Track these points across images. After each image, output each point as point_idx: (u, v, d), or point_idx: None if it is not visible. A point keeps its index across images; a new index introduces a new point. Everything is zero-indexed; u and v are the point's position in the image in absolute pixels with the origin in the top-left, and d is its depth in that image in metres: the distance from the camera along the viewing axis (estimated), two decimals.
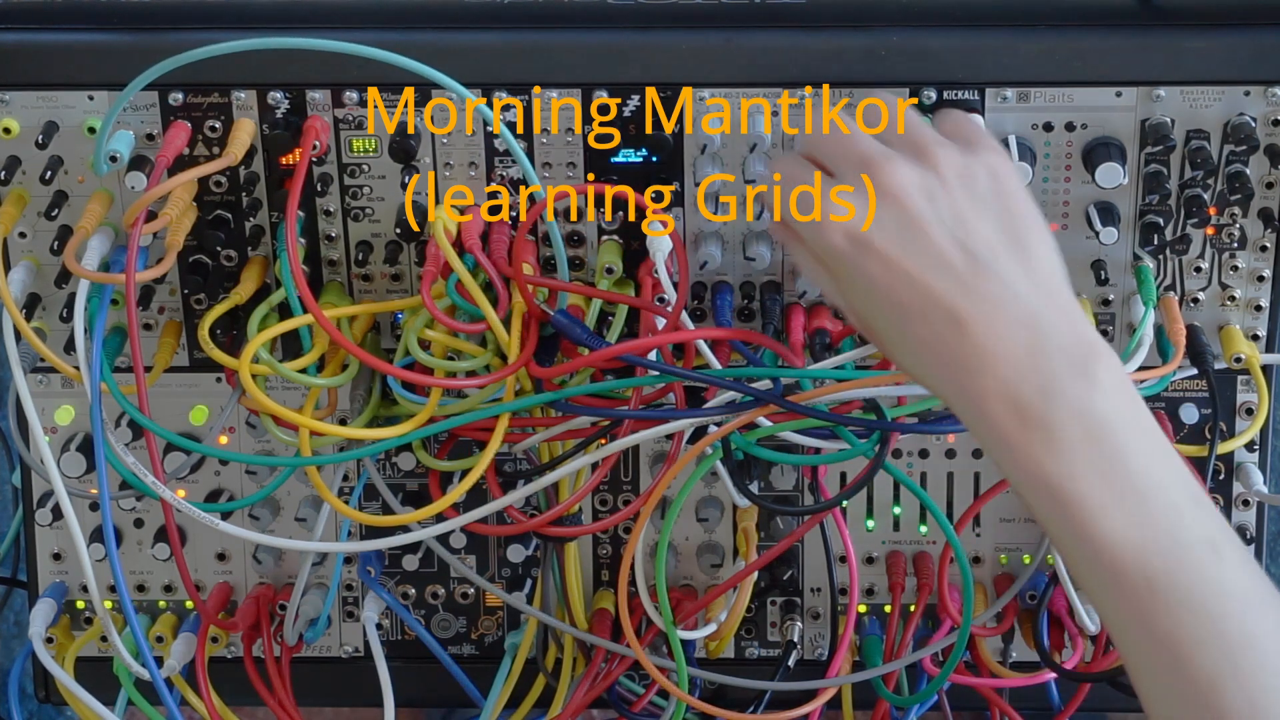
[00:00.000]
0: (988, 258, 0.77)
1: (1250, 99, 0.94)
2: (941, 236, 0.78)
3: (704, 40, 0.95)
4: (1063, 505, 0.74)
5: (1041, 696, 1.05)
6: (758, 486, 1.02)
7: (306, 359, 0.96)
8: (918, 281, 0.78)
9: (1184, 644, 0.72)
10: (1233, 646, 0.72)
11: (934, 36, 0.95)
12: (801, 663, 1.06)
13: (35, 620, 1.05)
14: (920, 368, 0.79)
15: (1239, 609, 0.73)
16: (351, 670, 1.09)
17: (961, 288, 0.77)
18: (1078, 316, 0.78)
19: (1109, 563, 0.73)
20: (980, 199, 0.79)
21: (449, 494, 0.95)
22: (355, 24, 0.96)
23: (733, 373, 0.93)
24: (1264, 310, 0.99)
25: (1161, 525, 0.74)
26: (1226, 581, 0.73)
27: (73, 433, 1.04)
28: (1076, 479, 0.74)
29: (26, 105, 0.96)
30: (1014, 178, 0.81)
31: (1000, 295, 0.77)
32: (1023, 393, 0.75)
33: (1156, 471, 0.75)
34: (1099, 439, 0.74)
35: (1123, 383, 0.76)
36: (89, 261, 0.94)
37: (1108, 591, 0.74)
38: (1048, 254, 0.79)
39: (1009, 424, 0.75)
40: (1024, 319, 0.76)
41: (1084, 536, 0.74)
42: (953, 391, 0.78)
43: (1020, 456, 0.75)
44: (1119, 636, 0.75)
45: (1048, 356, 0.75)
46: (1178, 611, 0.72)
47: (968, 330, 0.76)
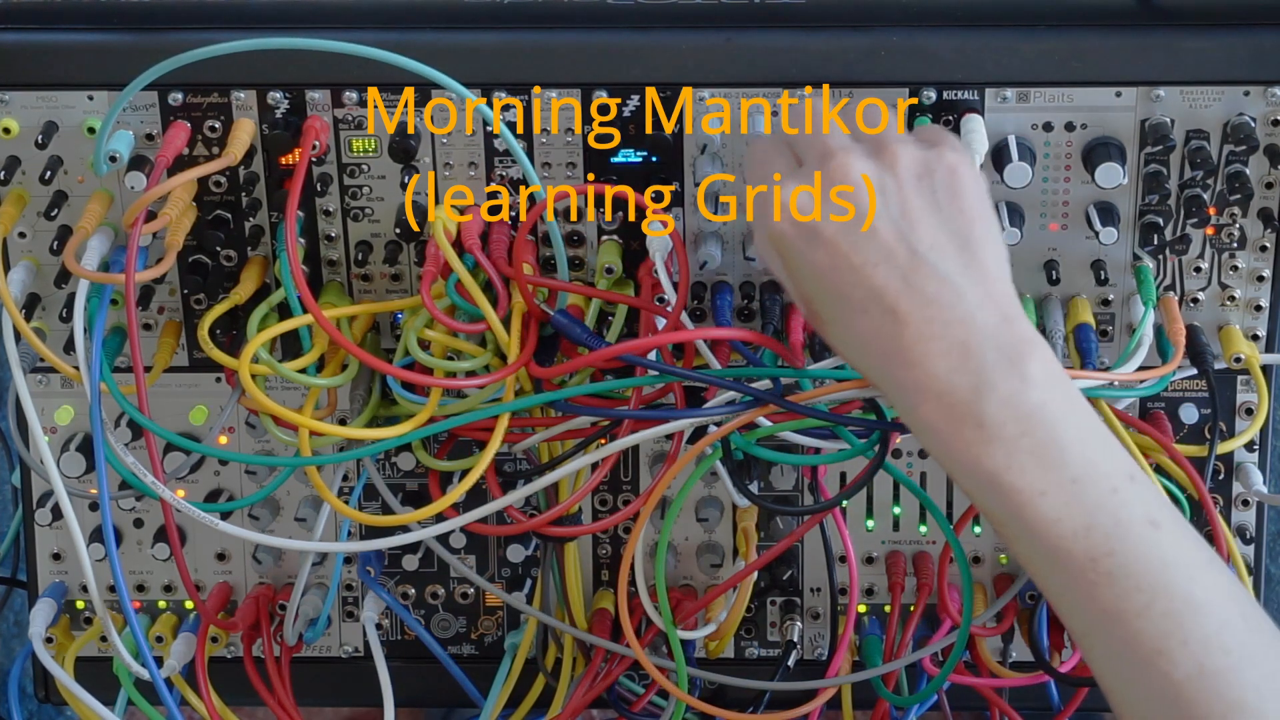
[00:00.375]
0: (930, 256, 0.79)
1: (1250, 99, 0.94)
2: (887, 231, 0.80)
3: (704, 40, 0.95)
4: (1001, 493, 0.77)
5: (1041, 696, 1.05)
6: (757, 486, 1.02)
7: (306, 359, 0.96)
8: (860, 273, 0.79)
9: (1128, 615, 0.75)
10: (1177, 613, 0.74)
11: (934, 36, 0.95)
12: (801, 663, 1.06)
13: (35, 620, 1.05)
14: (859, 358, 0.82)
15: (1180, 577, 0.75)
16: (351, 670, 1.09)
17: (902, 283, 0.79)
18: (1015, 314, 0.79)
19: (1051, 545, 0.76)
20: (931, 197, 0.81)
21: (449, 494, 0.95)
22: (355, 24, 0.96)
23: (732, 373, 0.93)
24: (1264, 310, 0.99)
25: (1099, 506, 0.76)
26: (1167, 553, 0.75)
27: (72, 433, 1.04)
28: (1012, 469, 0.76)
29: (26, 105, 0.96)
30: (970, 177, 0.82)
31: (938, 293, 0.78)
32: (955, 388, 0.77)
33: (1091, 455, 0.77)
34: (1031, 429, 0.76)
35: (1055, 375, 0.78)
36: (89, 261, 0.94)
37: (1052, 572, 0.77)
38: (993, 254, 0.81)
39: (941, 418, 0.77)
40: (960, 317, 0.78)
41: (1024, 522, 0.76)
42: (888, 384, 0.80)
43: (954, 449, 0.77)
44: (1066, 615, 0.78)
45: (980, 353, 0.77)
46: (1121, 586, 0.75)
47: (904, 325, 0.78)
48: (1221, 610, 0.75)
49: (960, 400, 0.77)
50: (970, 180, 0.82)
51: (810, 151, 0.83)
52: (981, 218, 0.81)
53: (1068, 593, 0.76)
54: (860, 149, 0.82)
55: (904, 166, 0.81)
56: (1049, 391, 0.77)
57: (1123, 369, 0.94)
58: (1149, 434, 0.97)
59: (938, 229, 0.80)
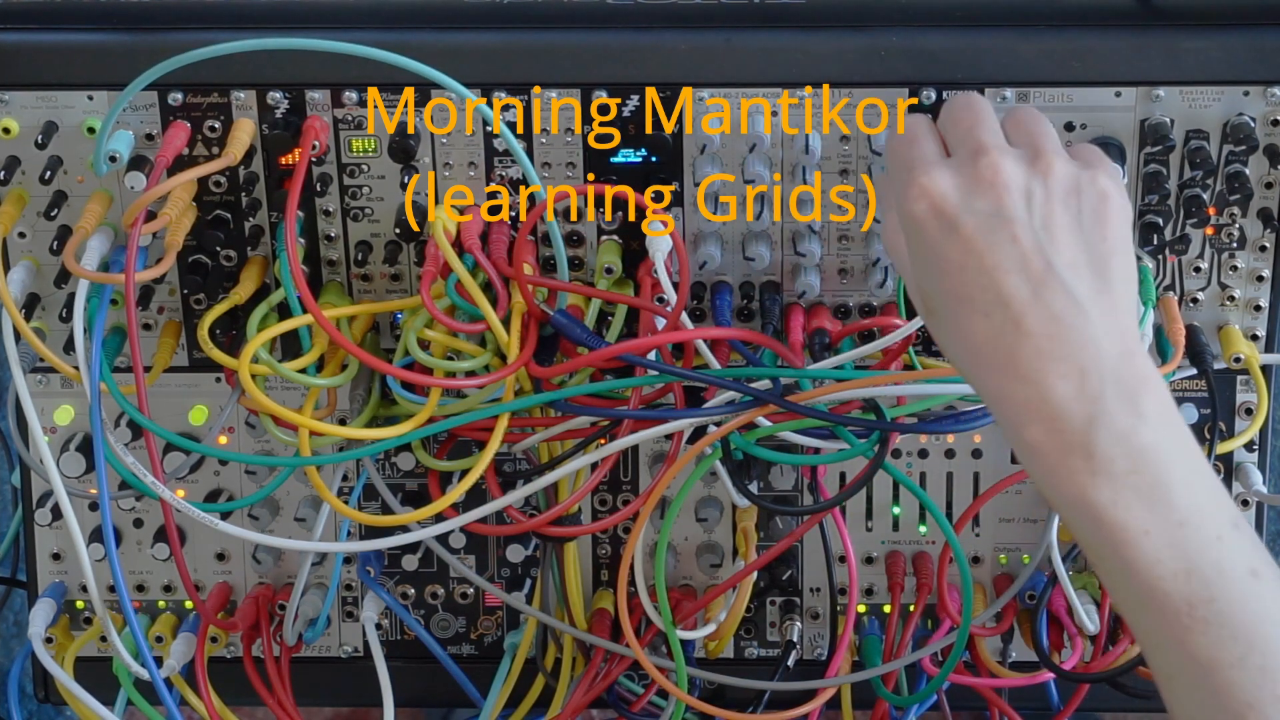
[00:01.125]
0: (1065, 274, 0.77)
1: (1250, 99, 0.94)
2: (1027, 240, 0.78)
3: (704, 40, 0.95)
4: (1103, 528, 0.75)
5: (1041, 696, 1.05)
6: (757, 486, 1.02)
7: (306, 359, 0.96)
8: (991, 276, 0.77)
9: (1221, 666, 0.73)
10: (1271, 670, 0.72)
11: (934, 36, 0.95)
12: (801, 663, 1.06)
13: (35, 620, 1.05)
14: (969, 364, 0.79)
15: (1278, 632, 0.73)
16: (351, 670, 1.09)
17: (1031, 294, 0.77)
18: (1137, 349, 0.77)
19: (1148, 586, 0.74)
20: (1076, 216, 0.79)
21: (448, 494, 0.95)
22: (355, 24, 0.96)
23: (732, 372, 0.93)
24: (1263, 310, 0.99)
25: (1203, 552, 0.74)
26: (1267, 606, 0.74)
27: (72, 433, 1.04)
28: (1118, 505, 0.74)
29: (26, 105, 0.96)
30: (1119, 208, 0.80)
31: (1065, 312, 0.76)
32: (1068, 414, 0.75)
33: (1199, 499, 0.75)
34: (1141, 467, 0.74)
35: (1170, 414, 0.76)
36: (88, 261, 0.94)
37: (1145, 613, 0.74)
38: (1124, 286, 0.79)
39: (1050, 443, 0.75)
40: (1083, 341, 0.76)
41: (1123, 559, 0.74)
42: (996, 397, 0.78)
43: (1059, 477, 0.75)
44: (1154, 657, 0.75)
45: (1099, 382, 0.75)
46: (1217, 635, 0.73)
47: (1025, 338, 0.76)
48: None
49: (1072, 427, 0.75)
50: (1118, 210, 0.80)
51: (963, 145, 0.82)
52: (1121, 250, 0.79)
53: (1160, 635, 0.74)
54: (1015, 153, 0.81)
55: (1056, 179, 0.79)
56: (1162, 431, 0.75)
57: None
58: None
59: (1077, 249, 0.78)
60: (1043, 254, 0.77)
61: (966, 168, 0.80)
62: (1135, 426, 0.74)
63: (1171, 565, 0.73)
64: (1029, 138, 0.82)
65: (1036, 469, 0.76)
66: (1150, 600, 0.74)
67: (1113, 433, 0.74)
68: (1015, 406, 0.76)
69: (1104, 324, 0.76)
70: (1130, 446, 0.74)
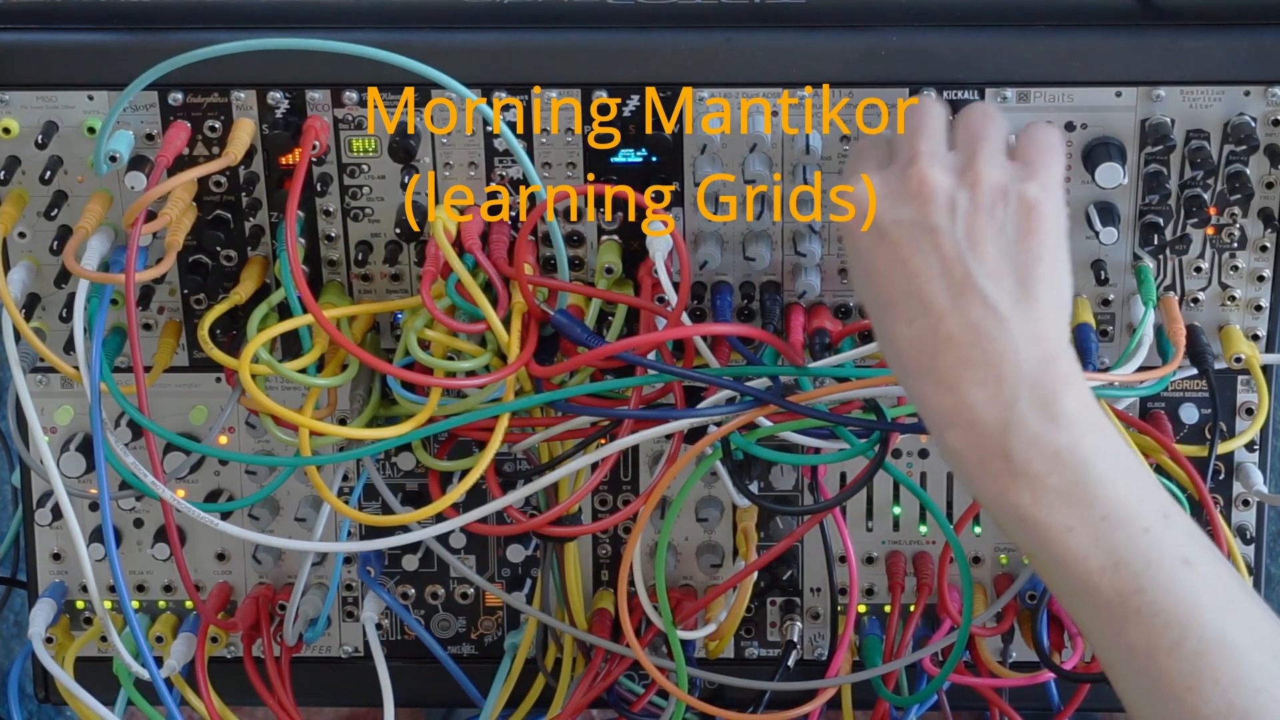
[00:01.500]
0: (984, 283, 0.78)
1: (1250, 99, 0.94)
2: (949, 249, 0.79)
3: (704, 40, 0.95)
4: (1027, 528, 0.77)
5: (1041, 696, 1.05)
6: (757, 486, 1.02)
7: (306, 359, 0.96)
8: (913, 282, 0.79)
9: (1158, 653, 0.75)
10: (1207, 652, 0.74)
11: (934, 36, 0.95)
12: (801, 663, 1.06)
13: (35, 620, 1.05)
14: (897, 368, 0.81)
15: (1212, 616, 0.75)
16: (351, 670, 1.09)
17: (950, 302, 0.78)
18: (1058, 355, 0.78)
19: (1080, 581, 0.76)
20: (1000, 226, 0.80)
21: (449, 494, 0.95)
22: (355, 24, 0.96)
23: (732, 371, 0.93)
24: (1264, 310, 0.99)
25: (1130, 545, 0.76)
26: (1199, 592, 0.75)
27: (72, 433, 1.04)
28: (1039, 505, 0.76)
29: (26, 105, 0.96)
30: (1047, 217, 0.81)
31: (983, 321, 0.78)
32: (984, 420, 0.77)
33: (1122, 494, 0.77)
34: (1059, 468, 0.76)
35: (1089, 416, 0.78)
36: (89, 261, 0.94)
37: (1082, 606, 0.77)
38: (1050, 293, 0.80)
39: (969, 447, 0.78)
40: (1000, 349, 0.77)
41: (1051, 555, 0.77)
42: (920, 400, 0.80)
43: (981, 480, 0.78)
44: (1097, 648, 0.78)
45: (1014, 389, 0.77)
46: (1150, 624, 0.75)
47: (945, 345, 0.78)
48: (1255, 649, 0.75)
49: (988, 432, 0.77)
50: (1046, 219, 0.81)
51: (901, 153, 0.84)
52: (1047, 259, 0.80)
53: (1097, 627, 0.77)
54: (946, 162, 0.82)
55: (983, 189, 0.81)
56: (1080, 432, 0.77)
57: (1123, 369, 0.94)
58: (1149, 434, 0.97)
59: (1000, 258, 0.79)
60: (963, 262, 0.79)
61: (896, 178, 0.82)
62: (1050, 430, 0.76)
63: (1099, 560, 0.76)
64: (969, 143, 0.83)
65: (962, 473, 0.79)
66: (1084, 594, 0.76)
67: (1026, 436, 0.76)
68: (937, 412, 0.79)
69: (1023, 331, 0.78)
70: (1045, 449, 0.76)
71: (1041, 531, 0.76)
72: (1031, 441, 0.76)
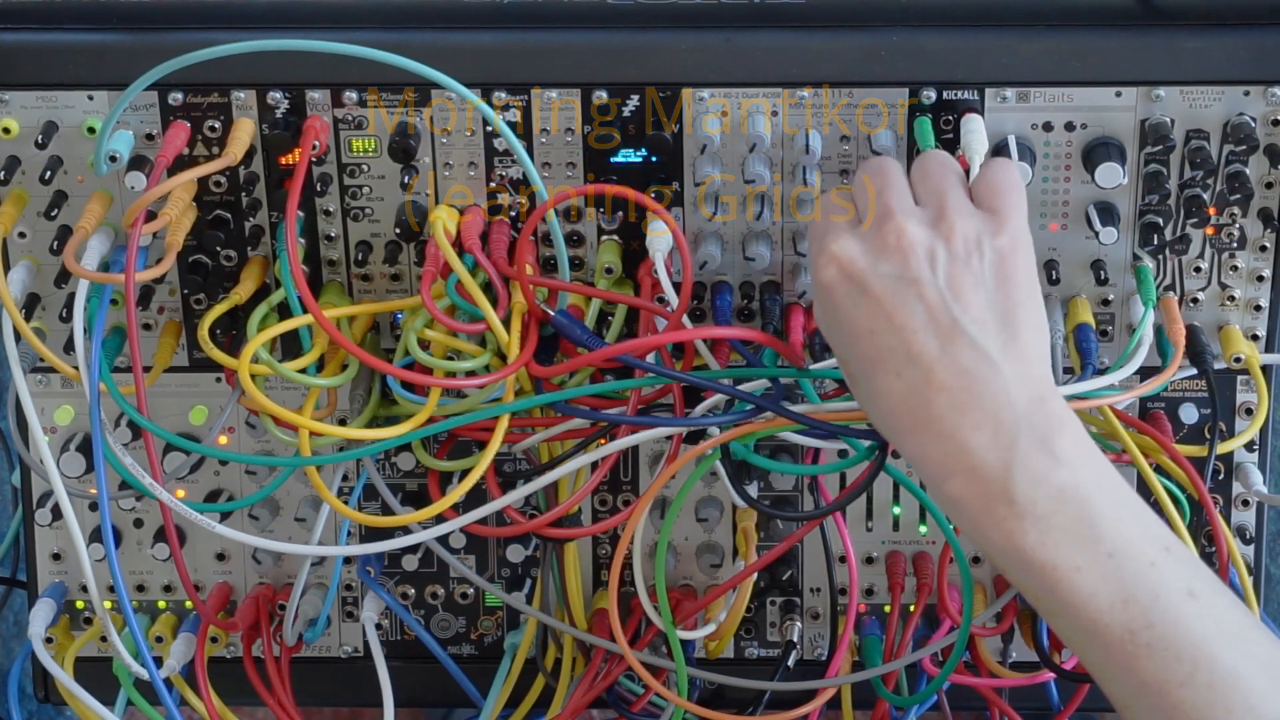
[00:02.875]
0: (971, 329, 0.79)
1: (1250, 99, 0.94)
2: (934, 298, 0.80)
3: (704, 40, 0.95)
4: (1034, 570, 0.77)
5: (1041, 696, 1.05)
6: (757, 487, 1.02)
7: (306, 359, 0.96)
8: (900, 335, 0.80)
9: (1171, 687, 0.75)
10: (1218, 684, 0.75)
11: (934, 36, 0.95)
12: (801, 663, 1.06)
13: (35, 620, 1.05)
14: (887, 425, 0.82)
15: (1221, 648, 0.75)
16: (351, 670, 1.09)
17: (940, 350, 0.79)
18: (1049, 394, 0.79)
19: (1088, 620, 0.76)
20: (979, 274, 0.81)
21: (449, 494, 0.95)
22: (355, 24, 0.96)
23: (731, 373, 0.93)
24: (1263, 310, 0.99)
25: (1136, 580, 0.76)
26: (1207, 624, 0.76)
27: (72, 433, 1.04)
28: (1046, 545, 0.77)
29: (26, 105, 0.96)
30: (1020, 263, 0.82)
31: (975, 366, 0.79)
32: (985, 463, 0.78)
33: (1126, 529, 0.77)
34: (1063, 507, 0.77)
35: (1086, 452, 0.79)
36: (89, 261, 0.94)
37: (1090, 646, 0.77)
38: (1033, 333, 0.81)
39: (971, 494, 0.78)
40: (994, 391, 0.78)
41: (1059, 597, 0.77)
42: (915, 455, 0.80)
43: (985, 526, 0.78)
44: (1107, 685, 0.78)
45: (1013, 430, 0.78)
46: (1161, 658, 0.75)
47: (938, 393, 0.79)
48: (1266, 677, 0.75)
49: (990, 476, 0.77)
50: (1020, 264, 0.82)
51: (874, 208, 0.84)
52: (1026, 302, 0.81)
53: (1108, 665, 0.77)
54: (919, 215, 0.83)
55: (958, 240, 0.82)
56: (1080, 469, 0.77)
57: (1123, 369, 0.94)
58: (1149, 434, 0.97)
59: (983, 305, 0.80)
60: (949, 311, 0.80)
61: (872, 233, 0.83)
62: (1052, 468, 0.77)
63: (1108, 597, 0.76)
64: (934, 195, 0.84)
65: (964, 522, 0.79)
66: (1093, 633, 0.76)
67: (1030, 476, 0.77)
68: (934, 463, 0.79)
69: (1014, 373, 0.79)
70: (1049, 488, 0.77)
71: (1049, 573, 0.77)
72: (1035, 481, 0.77)
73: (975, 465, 0.78)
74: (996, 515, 0.77)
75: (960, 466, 0.78)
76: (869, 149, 0.96)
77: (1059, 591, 0.77)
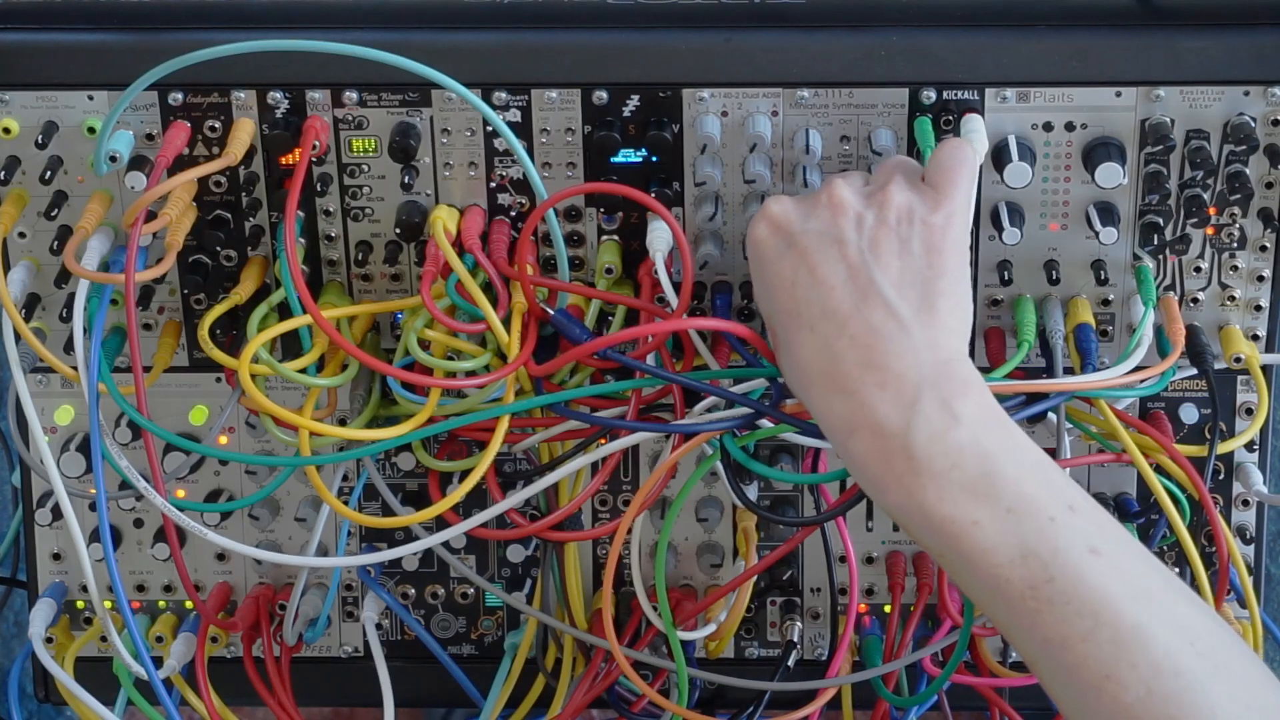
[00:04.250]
0: (886, 290, 0.82)
1: (1250, 99, 0.94)
2: (854, 257, 0.83)
3: (704, 40, 0.95)
4: (934, 525, 0.78)
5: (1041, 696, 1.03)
6: (758, 487, 1.02)
7: (306, 359, 0.96)
8: (819, 289, 0.82)
9: (1073, 642, 0.76)
10: (1122, 639, 0.75)
11: (934, 36, 0.95)
12: (801, 663, 1.06)
13: (35, 620, 1.05)
14: (799, 381, 0.84)
15: (1125, 604, 0.76)
16: (351, 670, 1.09)
17: (854, 308, 0.81)
18: (957, 359, 0.81)
19: (989, 574, 0.77)
20: (905, 242, 0.84)
21: (449, 496, 0.95)
22: (355, 24, 0.96)
23: (729, 374, 0.93)
24: (1264, 310, 0.99)
25: (1035, 535, 0.77)
26: (1110, 579, 0.76)
27: (72, 433, 1.04)
28: (944, 500, 0.78)
29: (26, 105, 0.96)
30: (951, 239, 0.84)
31: (884, 325, 0.81)
32: (886, 420, 0.79)
33: (1027, 488, 0.78)
34: (962, 463, 0.78)
35: (990, 414, 0.80)
36: (89, 261, 0.94)
37: (994, 601, 0.78)
38: (950, 307, 0.83)
39: (873, 451, 0.79)
40: (900, 352, 0.80)
41: (960, 552, 0.78)
42: (822, 410, 0.82)
43: (886, 482, 0.79)
44: (1014, 641, 0.78)
45: (915, 389, 0.79)
46: (1062, 612, 0.76)
47: (848, 349, 0.81)
48: (1173, 634, 0.75)
49: (891, 432, 0.79)
50: (951, 241, 0.84)
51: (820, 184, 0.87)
52: (949, 274, 0.83)
53: (1012, 621, 0.77)
54: (857, 186, 0.86)
55: (890, 207, 0.84)
56: (981, 429, 0.79)
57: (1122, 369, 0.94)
58: (1149, 434, 0.97)
59: (902, 270, 0.83)
60: (868, 271, 0.82)
61: (809, 196, 0.87)
62: (951, 425, 0.78)
63: (1007, 552, 0.77)
64: (883, 176, 0.87)
65: (866, 479, 0.80)
66: (995, 588, 0.77)
67: (929, 433, 0.78)
68: (839, 418, 0.81)
69: (924, 338, 0.81)
70: (947, 445, 0.78)
71: (948, 527, 0.77)
72: (934, 438, 0.78)
73: (877, 422, 0.79)
74: (896, 471, 0.78)
75: (863, 423, 0.79)
76: (869, 149, 0.96)
77: (959, 546, 0.77)
